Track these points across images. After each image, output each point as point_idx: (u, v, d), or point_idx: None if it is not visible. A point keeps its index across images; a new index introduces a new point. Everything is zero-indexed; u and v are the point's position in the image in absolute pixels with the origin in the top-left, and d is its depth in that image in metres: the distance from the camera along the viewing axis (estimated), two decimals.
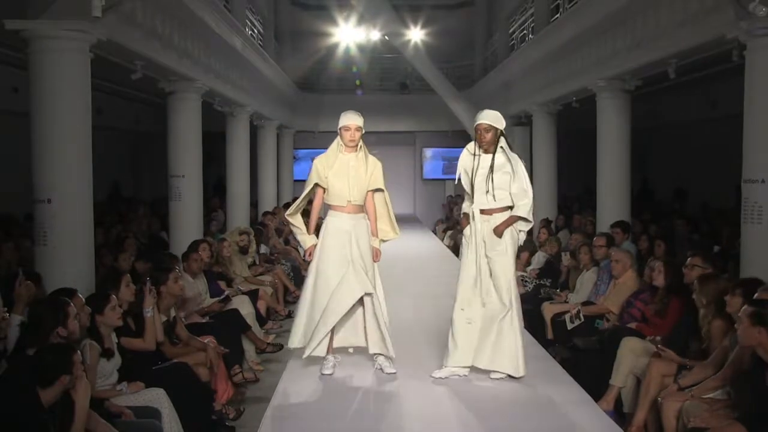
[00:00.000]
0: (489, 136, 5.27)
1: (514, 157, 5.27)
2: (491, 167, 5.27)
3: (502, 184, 5.23)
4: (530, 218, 5.29)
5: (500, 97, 15.70)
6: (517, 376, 5.24)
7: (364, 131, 5.45)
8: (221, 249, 8.79)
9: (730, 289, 4.92)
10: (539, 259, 9.87)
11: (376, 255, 5.47)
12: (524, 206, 5.23)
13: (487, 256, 5.30)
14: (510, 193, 5.24)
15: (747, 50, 6.26)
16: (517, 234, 5.33)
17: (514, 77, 14.60)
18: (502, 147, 5.26)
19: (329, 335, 5.42)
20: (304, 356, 5.43)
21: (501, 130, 5.31)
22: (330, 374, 5.44)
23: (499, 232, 5.25)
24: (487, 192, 5.27)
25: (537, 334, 7.17)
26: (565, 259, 8.76)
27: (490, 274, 5.30)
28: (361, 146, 5.46)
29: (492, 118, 5.31)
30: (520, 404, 4.98)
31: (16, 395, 3.79)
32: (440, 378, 5.35)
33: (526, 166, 5.31)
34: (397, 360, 5.52)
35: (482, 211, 5.34)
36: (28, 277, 5.11)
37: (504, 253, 5.27)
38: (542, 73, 12.49)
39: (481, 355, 5.26)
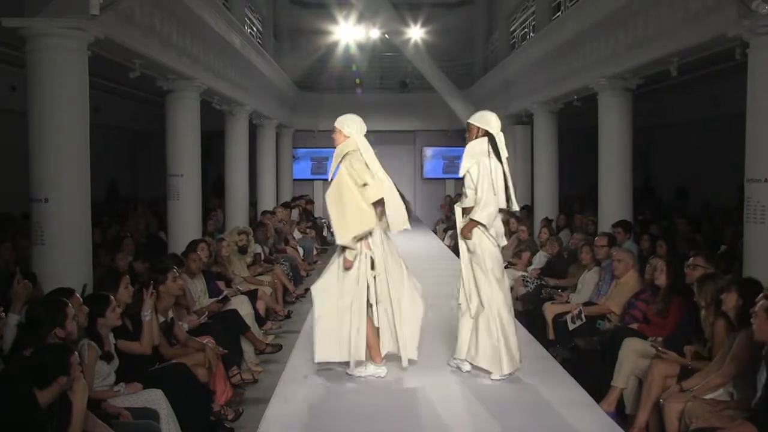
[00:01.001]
0: (469, 135, 5.44)
1: (476, 156, 5.33)
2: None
3: (468, 183, 5.39)
4: (481, 220, 5.26)
5: (501, 96, 15.68)
6: (501, 375, 5.32)
7: (341, 131, 5.42)
8: (220, 249, 8.77)
9: (726, 287, 4.93)
10: (540, 258, 9.87)
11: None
12: (475, 208, 5.29)
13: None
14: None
15: (749, 48, 6.24)
16: (485, 236, 5.33)
17: (514, 76, 14.59)
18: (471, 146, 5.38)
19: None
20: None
21: (484, 129, 5.39)
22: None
23: (462, 234, 5.40)
24: (462, 192, 5.48)
25: (538, 335, 7.16)
26: (551, 281, 8.74)
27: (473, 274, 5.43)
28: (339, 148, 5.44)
29: (474, 117, 5.49)
30: (521, 405, 4.97)
31: (13, 396, 3.77)
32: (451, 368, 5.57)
33: (509, 167, 5.37)
34: (397, 361, 5.54)
35: (462, 210, 5.51)
36: (25, 277, 5.11)
37: (473, 253, 5.36)
38: (543, 72, 12.47)
39: (468, 349, 5.44)
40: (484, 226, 5.28)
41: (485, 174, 5.24)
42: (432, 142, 21.22)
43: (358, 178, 5.24)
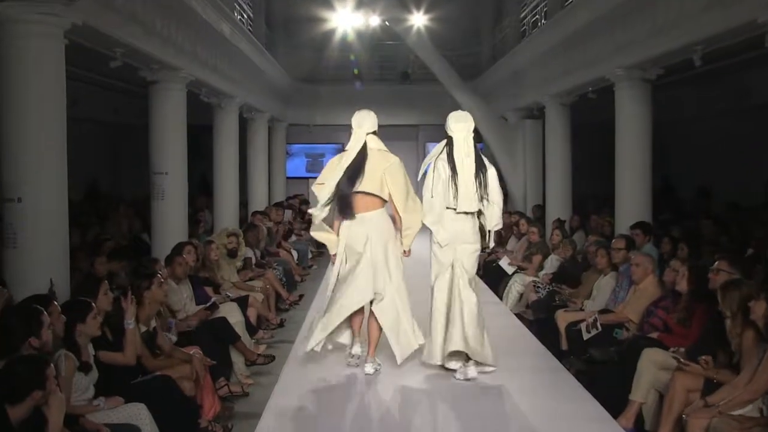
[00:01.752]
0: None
1: (430, 158, 6.19)
2: None
3: None
4: (428, 225, 6.05)
5: (510, 88, 15.67)
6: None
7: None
8: (208, 252, 8.74)
9: (755, 293, 4.88)
10: (552, 263, 9.84)
11: None
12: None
13: None
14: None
15: None
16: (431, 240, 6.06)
17: (524, 66, 14.57)
18: None
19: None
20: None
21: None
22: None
23: None
24: None
25: (550, 345, 7.14)
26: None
27: None
28: None
29: None
30: (533, 420, 4.96)
31: None
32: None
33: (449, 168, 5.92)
34: (397, 365, 5.55)
35: None
36: None
37: None
38: (555, 62, 12.46)
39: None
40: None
41: (428, 178, 5.99)
42: (436, 137, 20.89)
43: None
